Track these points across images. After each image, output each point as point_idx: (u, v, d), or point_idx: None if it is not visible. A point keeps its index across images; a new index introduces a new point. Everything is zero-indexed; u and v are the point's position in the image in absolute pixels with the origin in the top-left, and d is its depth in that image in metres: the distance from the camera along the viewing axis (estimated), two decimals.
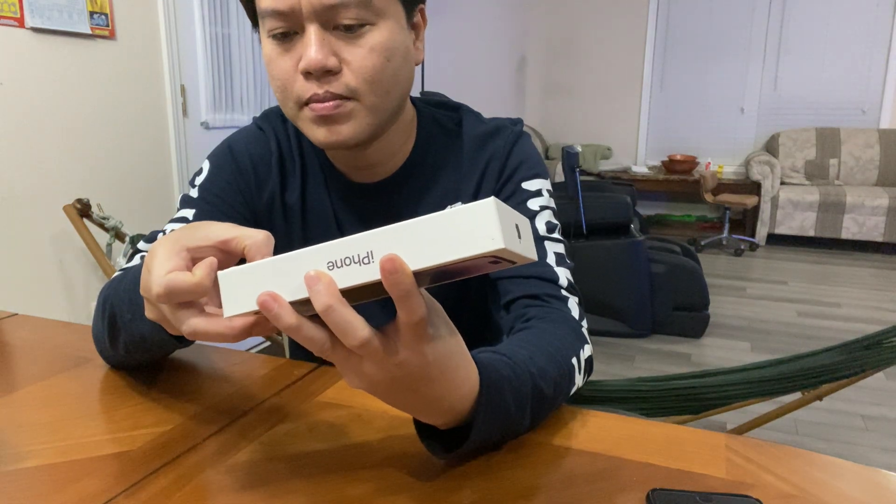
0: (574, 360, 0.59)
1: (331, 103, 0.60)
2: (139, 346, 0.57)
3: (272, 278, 0.37)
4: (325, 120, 0.61)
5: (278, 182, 0.75)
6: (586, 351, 0.62)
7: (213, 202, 0.71)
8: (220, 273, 0.39)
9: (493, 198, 0.33)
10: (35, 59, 1.85)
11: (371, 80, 0.61)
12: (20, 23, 1.79)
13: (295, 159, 0.76)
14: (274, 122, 0.77)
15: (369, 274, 0.34)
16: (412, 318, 0.35)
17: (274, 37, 0.61)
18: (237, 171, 0.74)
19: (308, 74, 0.60)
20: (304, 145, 0.76)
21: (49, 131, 1.91)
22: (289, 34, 0.60)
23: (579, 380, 0.60)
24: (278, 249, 0.77)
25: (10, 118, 1.80)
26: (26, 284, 1.89)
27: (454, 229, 0.33)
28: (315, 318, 0.36)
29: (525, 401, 0.49)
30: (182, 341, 0.55)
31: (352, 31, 0.59)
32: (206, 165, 0.75)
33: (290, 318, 0.35)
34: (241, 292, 0.38)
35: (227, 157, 0.74)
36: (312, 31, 0.58)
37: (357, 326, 0.35)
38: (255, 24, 0.66)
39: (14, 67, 1.80)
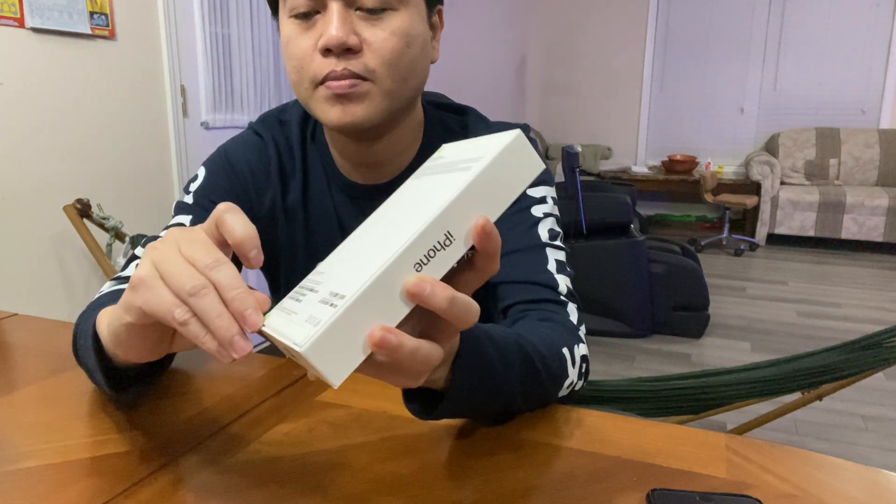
0: (565, 351, 0.58)
1: (347, 81, 0.60)
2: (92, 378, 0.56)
3: (364, 318, 0.32)
4: (340, 99, 0.61)
5: (279, 188, 0.74)
6: (581, 349, 0.62)
7: (210, 208, 0.69)
8: (304, 348, 0.31)
9: (517, 130, 0.35)
10: (35, 59, 1.85)
11: (390, 63, 0.61)
12: (20, 23, 1.79)
13: (296, 163, 0.75)
14: (272, 128, 0.76)
15: (455, 254, 0.34)
16: (495, 269, 0.36)
17: (295, 16, 0.61)
18: (235, 177, 0.73)
19: (327, 52, 0.60)
20: (306, 147, 0.75)
21: (49, 131, 1.91)
22: (310, 14, 0.60)
23: (573, 374, 0.59)
24: (280, 253, 0.76)
25: (10, 118, 1.80)
26: (26, 284, 1.89)
27: (503, 171, 0.34)
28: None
29: (511, 359, 0.49)
30: (117, 388, 0.54)
31: (374, 13, 0.59)
32: (201, 172, 0.74)
33: (411, 340, 0.33)
34: (337, 348, 0.32)
35: (224, 163, 0.73)
36: (335, 9, 0.58)
37: (470, 301, 0.35)
38: (275, 10, 0.66)
39: (14, 67, 1.80)
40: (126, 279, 0.65)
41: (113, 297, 0.59)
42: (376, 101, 0.62)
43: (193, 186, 0.73)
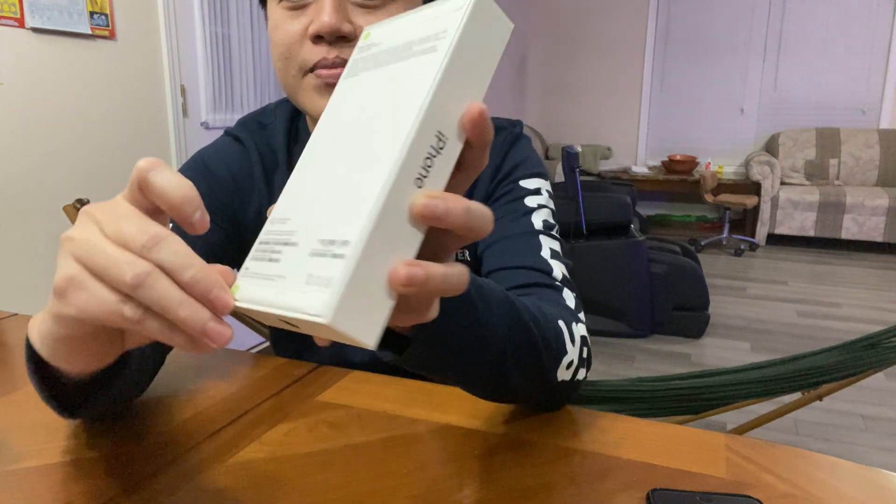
0: (562, 324, 0.53)
1: (340, 70, 0.57)
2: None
3: (380, 260, 0.27)
4: (330, 88, 0.58)
5: (266, 194, 0.70)
6: (580, 328, 0.57)
7: None
8: (329, 318, 0.26)
9: None
10: (35, 59, 1.85)
11: None
12: (20, 23, 1.79)
13: (280, 165, 0.71)
14: (253, 132, 0.72)
15: (452, 155, 0.29)
16: (485, 162, 0.32)
17: (286, 0, 0.58)
18: (216, 184, 0.69)
19: (318, 39, 0.57)
20: (291, 150, 0.72)
21: (49, 131, 1.91)
22: None
23: (573, 352, 0.54)
24: None
25: (10, 118, 1.80)
26: (26, 284, 1.89)
27: (475, 41, 0.30)
28: None
29: (494, 302, 0.44)
30: (71, 410, 0.45)
31: (371, 1, 0.57)
32: None
33: (437, 268, 0.28)
34: (362, 304, 0.27)
35: (202, 170, 0.69)
36: None
37: (483, 206, 0.30)
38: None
39: (14, 67, 1.80)
40: None
41: None
42: None
43: None
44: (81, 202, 1.91)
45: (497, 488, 0.45)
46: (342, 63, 0.57)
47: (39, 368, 0.41)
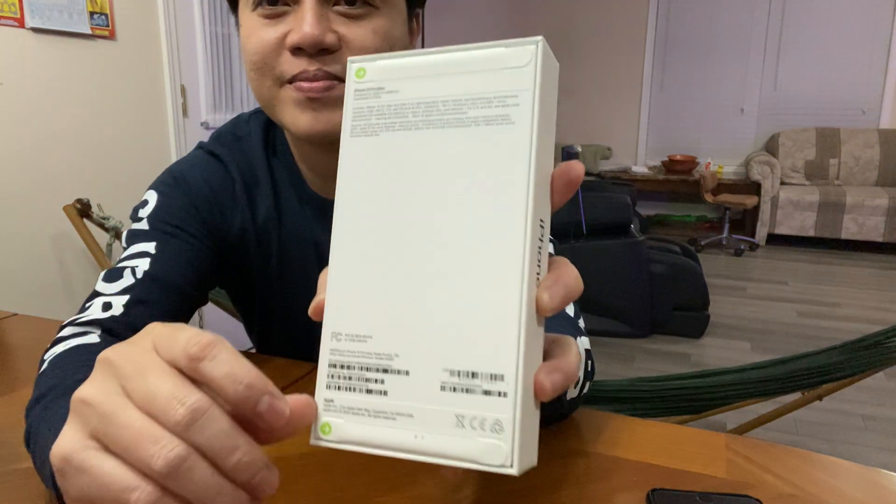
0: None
1: (322, 83, 0.53)
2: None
3: (529, 380, 0.25)
4: (312, 103, 0.54)
5: (248, 209, 0.66)
6: (584, 342, 0.56)
7: (173, 233, 0.61)
8: (515, 469, 0.24)
9: (539, 40, 0.26)
10: (35, 59, 1.85)
11: None
12: (20, 23, 1.79)
13: (260, 181, 0.67)
14: (230, 147, 0.67)
15: (547, 233, 0.28)
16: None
17: (259, 4, 0.54)
18: (197, 198, 0.64)
19: (298, 51, 0.53)
20: (271, 163, 0.67)
21: (49, 131, 1.91)
22: (276, 1, 0.53)
23: (580, 371, 0.53)
24: (254, 280, 0.69)
25: (10, 118, 1.80)
26: (26, 284, 1.89)
27: (546, 100, 0.26)
28: None
29: None
30: None
31: (354, 7, 0.53)
32: (151, 196, 0.63)
33: (565, 361, 0.27)
34: (528, 437, 0.25)
35: (179, 187, 0.64)
36: (310, 3, 0.52)
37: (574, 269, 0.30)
38: (234, 2, 0.59)
39: (14, 67, 1.80)
40: (88, 323, 0.54)
41: (70, 357, 0.48)
42: None
43: (145, 212, 0.62)
44: (81, 202, 1.91)
45: (497, 488, 0.45)
46: (325, 76, 0.53)
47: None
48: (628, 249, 2.94)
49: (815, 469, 0.47)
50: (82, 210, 1.90)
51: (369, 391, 0.27)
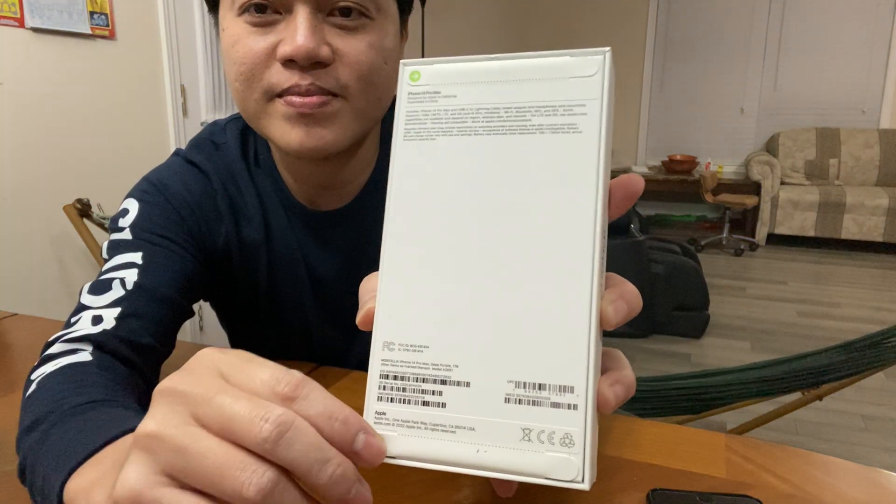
0: None
1: (315, 98, 0.51)
2: None
3: (594, 395, 0.25)
4: (304, 119, 0.52)
5: (232, 223, 0.63)
6: None
7: (159, 243, 0.58)
8: (586, 484, 0.24)
9: (607, 50, 0.26)
10: (35, 59, 1.85)
11: (366, 79, 0.52)
12: (20, 23, 1.79)
13: (244, 193, 0.64)
14: (210, 155, 0.64)
15: (605, 241, 0.27)
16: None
17: (247, 10, 0.51)
18: (181, 209, 0.61)
19: (290, 63, 0.50)
20: (253, 174, 0.65)
21: (49, 131, 1.91)
22: (264, 9, 0.50)
23: None
24: (238, 295, 0.68)
25: (10, 118, 1.80)
26: (26, 284, 1.89)
27: (609, 109, 0.26)
28: None
29: None
30: None
31: (349, 18, 0.51)
32: (131, 205, 0.60)
33: (624, 373, 0.28)
34: (593, 450, 0.25)
35: (161, 195, 0.61)
36: (303, 13, 0.49)
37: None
38: (212, 4, 0.55)
39: (14, 67, 1.80)
40: (78, 339, 0.50)
41: (61, 377, 0.46)
42: (346, 122, 0.53)
43: (126, 221, 0.59)
44: (81, 202, 1.91)
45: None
46: (317, 91, 0.51)
47: None
48: (628, 249, 2.94)
49: (815, 469, 0.47)
50: (82, 210, 1.90)
51: (426, 403, 0.26)
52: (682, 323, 3.00)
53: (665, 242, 3.33)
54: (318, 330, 0.70)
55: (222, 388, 0.24)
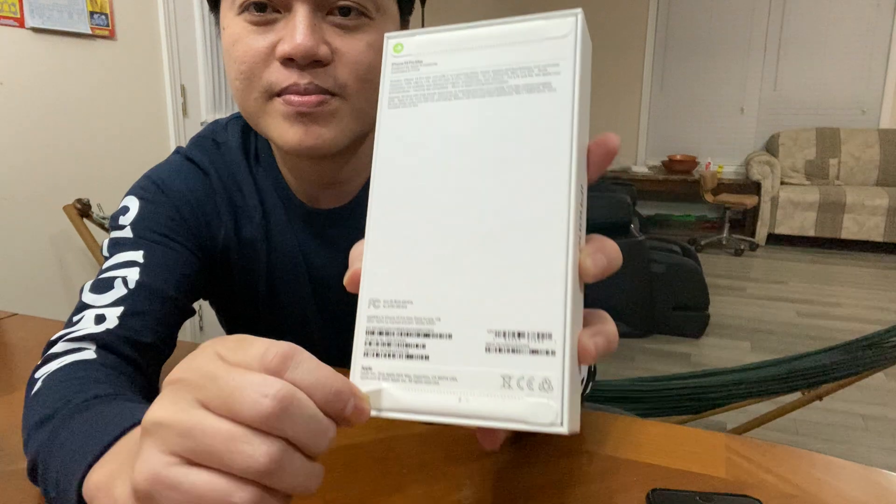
0: None
1: (314, 97, 0.51)
2: None
3: (574, 343, 0.25)
4: (302, 118, 0.52)
5: (232, 223, 0.64)
6: None
7: (160, 242, 0.58)
8: (566, 428, 0.24)
9: (578, 12, 0.27)
10: (35, 59, 1.85)
11: (365, 79, 0.53)
12: (20, 23, 1.79)
13: (245, 192, 0.64)
14: (210, 153, 0.65)
15: (585, 197, 0.28)
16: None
17: (247, 9, 0.51)
18: (181, 207, 0.61)
19: (289, 62, 0.50)
20: (254, 172, 0.65)
21: (49, 131, 1.91)
22: (264, 8, 0.51)
23: (583, 372, 0.54)
24: (237, 295, 0.68)
25: (10, 118, 1.80)
26: (26, 284, 1.89)
27: (586, 69, 0.27)
28: None
29: None
30: None
31: (348, 17, 0.52)
32: (131, 202, 0.61)
33: (607, 325, 0.29)
34: (573, 396, 0.25)
35: (162, 193, 0.61)
36: (303, 12, 0.50)
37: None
38: (213, 2, 0.56)
39: (14, 67, 1.80)
40: (82, 338, 0.51)
41: (68, 374, 0.47)
42: (345, 121, 0.54)
43: (126, 219, 0.59)
44: (81, 202, 1.91)
45: (497, 488, 0.45)
46: (316, 90, 0.51)
47: None
48: (628, 249, 2.94)
49: (815, 469, 0.47)
50: (82, 210, 1.90)
51: (409, 356, 0.27)
52: (682, 323, 3.00)
53: (665, 242, 3.33)
54: (318, 328, 0.70)
55: (221, 368, 0.25)
